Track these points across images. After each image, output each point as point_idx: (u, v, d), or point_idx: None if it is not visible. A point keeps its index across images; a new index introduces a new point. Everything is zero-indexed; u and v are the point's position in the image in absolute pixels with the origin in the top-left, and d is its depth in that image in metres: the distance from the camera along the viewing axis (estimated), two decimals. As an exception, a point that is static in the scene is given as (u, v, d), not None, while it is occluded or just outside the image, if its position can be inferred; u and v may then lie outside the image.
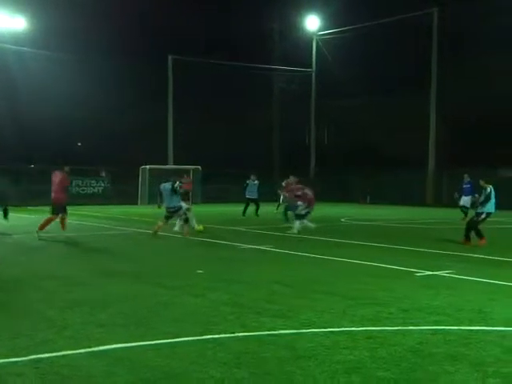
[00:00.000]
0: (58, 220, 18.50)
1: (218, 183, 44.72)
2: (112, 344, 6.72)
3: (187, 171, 38.86)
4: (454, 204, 30.76)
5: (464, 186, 27.05)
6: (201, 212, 26.86)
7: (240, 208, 28.54)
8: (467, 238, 16.91)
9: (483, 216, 16.91)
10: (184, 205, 19.57)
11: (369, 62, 47.40)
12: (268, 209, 29.51)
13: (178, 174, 27.40)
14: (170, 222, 19.21)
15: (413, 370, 5.94)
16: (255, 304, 8.86)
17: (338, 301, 9.11)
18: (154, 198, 23.07)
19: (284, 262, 13.50)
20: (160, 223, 18.76)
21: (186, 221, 18.99)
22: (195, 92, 48.07)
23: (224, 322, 7.81)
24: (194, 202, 31.07)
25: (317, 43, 50.43)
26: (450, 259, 13.85)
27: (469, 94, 42.44)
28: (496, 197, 16.84)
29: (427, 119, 42.51)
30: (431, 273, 11.72)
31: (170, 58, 44.92)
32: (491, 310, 8.48)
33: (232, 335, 7.14)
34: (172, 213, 18.77)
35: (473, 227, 16.90)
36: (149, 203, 38.92)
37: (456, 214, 27.38)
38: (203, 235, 18.91)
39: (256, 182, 28.68)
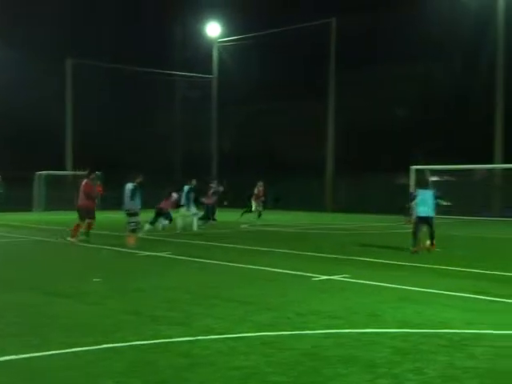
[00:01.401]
0: None
1: (120, 189, 43.94)
2: (7, 355, 6.50)
3: (83, 176, 37.98)
4: (351, 209, 31.71)
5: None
6: (102, 218, 26.32)
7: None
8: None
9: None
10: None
11: (269, 69, 48.00)
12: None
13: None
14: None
15: (307, 374, 6.03)
16: (152, 312, 8.79)
17: (235, 307, 9.16)
18: (51, 204, 22.58)
19: (183, 269, 13.45)
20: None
21: (133, 231, 17.97)
22: (97, 96, 47.14)
23: (120, 330, 7.70)
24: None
25: (218, 50, 50.65)
26: (345, 264, 14.20)
27: (365, 101, 43.78)
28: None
29: (326, 125, 43.45)
30: (327, 277, 11.97)
31: (68, 61, 44.02)
32: (383, 313, 8.74)
33: (128, 344, 7.04)
34: (130, 215, 17.71)
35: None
36: (45, 210, 37.94)
37: (353, 219, 28.11)
38: (103, 242, 18.55)
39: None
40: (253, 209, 28.92)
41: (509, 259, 15.41)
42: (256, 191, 28.87)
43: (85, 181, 19.27)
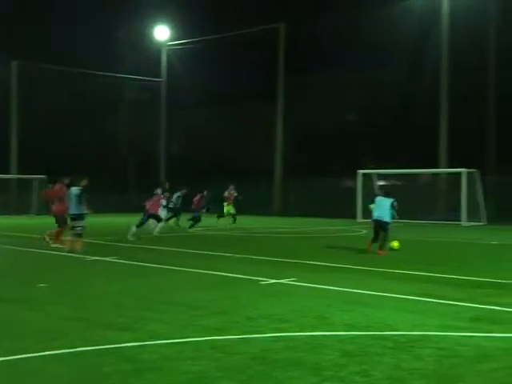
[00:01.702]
0: None
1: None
2: None
3: (30, 180, 37.46)
4: (300, 213, 31.92)
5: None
6: (47, 223, 25.89)
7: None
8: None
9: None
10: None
11: (218, 73, 48.02)
12: (119, 220, 28.98)
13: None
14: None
15: (256, 378, 6.01)
16: (99, 317, 8.66)
17: (183, 311, 9.10)
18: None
19: (130, 274, 13.30)
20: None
21: (80, 235, 17.41)
22: (44, 99, 46.34)
23: (66, 336, 7.56)
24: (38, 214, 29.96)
25: (167, 53, 50.40)
26: (293, 267, 14.25)
27: (313, 105, 44.18)
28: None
29: (275, 130, 43.63)
30: (276, 281, 11.99)
31: (14, 63, 43.22)
32: (331, 316, 8.79)
33: (73, 350, 6.91)
34: (75, 220, 17.15)
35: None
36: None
37: (301, 222, 28.25)
38: (48, 247, 18.22)
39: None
40: (225, 213, 29.25)
41: (452, 262, 15.69)
42: (227, 194, 29.06)
43: (59, 185, 18.64)
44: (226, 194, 29.31)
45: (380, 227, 17.52)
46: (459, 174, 31.55)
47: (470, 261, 15.89)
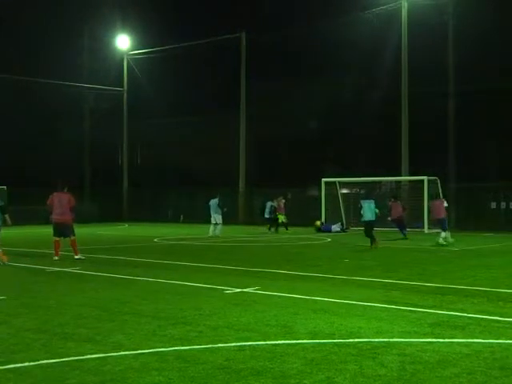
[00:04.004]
0: None
1: (26, 204, 42.64)
2: None
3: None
4: (264, 222, 32.10)
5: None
6: (7, 234, 25.51)
7: (46, 230, 27.50)
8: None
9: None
10: None
11: (180, 82, 47.92)
12: (80, 230, 28.57)
13: None
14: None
15: (220, 387, 6.02)
16: (61, 329, 8.56)
17: (147, 322, 9.04)
18: None
19: (92, 284, 13.16)
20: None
21: None
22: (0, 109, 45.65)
23: (27, 349, 7.46)
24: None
25: (128, 62, 50.14)
26: (258, 276, 14.27)
27: (276, 114, 44.35)
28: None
29: (238, 139, 43.68)
30: (240, 290, 11.98)
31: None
32: (295, 324, 8.81)
33: (35, 363, 6.83)
34: None
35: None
36: None
37: (266, 231, 28.27)
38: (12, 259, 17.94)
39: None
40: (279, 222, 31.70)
41: (414, 269, 15.86)
42: (276, 204, 31.86)
43: (64, 193, 18.38)
44: (274, 203, 31.78)
45: (371, 227, 21.54)
46: (421, 181, 31.94)
47: (432, 267, 16.07)
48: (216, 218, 28.45)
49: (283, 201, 32.67)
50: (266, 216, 31.97)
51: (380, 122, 41.07)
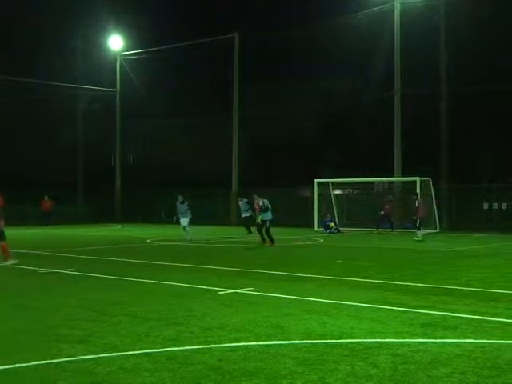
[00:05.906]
0: None
1: (16, 205, 42.48)
2: None
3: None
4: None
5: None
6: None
7: (35, 231, 27.51)
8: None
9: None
10: None
11: (173, 83, 47.89)
12: (73, 231, 28.64)
13: None
14: None
15: (212, 388, 6.02)
16: (54, 330, 8.54)
17: (139, 323, 9.03)
18: None
19: (85, 286, 13.14)
20: None
21: None
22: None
23: (20, 351, 7.44)
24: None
25: (121, 63, 50.06)
26: (251, 277, 14.28)
27: (270, 115, 44.36)
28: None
29: (231, 139, 43.65)
30: (233, 291, 11.99)
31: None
32: (288, 325, 8.82)
33: (28, 364, 6.82)
34: None
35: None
36: None
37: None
38: None
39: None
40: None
41: (407, 269, 15.90)
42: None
43: None
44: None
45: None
46: (413, 182, 32.00)
47: (425, 268, 16.11)
48: (184, 221, 26.34)
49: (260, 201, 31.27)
50: (243, 215, 31.14)
51: (373, 123, 41.14)
